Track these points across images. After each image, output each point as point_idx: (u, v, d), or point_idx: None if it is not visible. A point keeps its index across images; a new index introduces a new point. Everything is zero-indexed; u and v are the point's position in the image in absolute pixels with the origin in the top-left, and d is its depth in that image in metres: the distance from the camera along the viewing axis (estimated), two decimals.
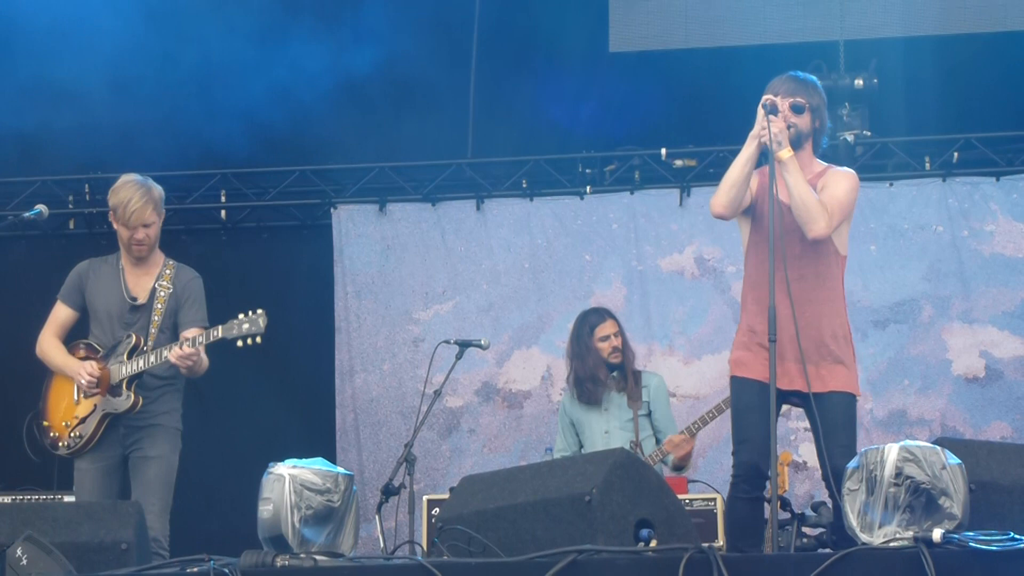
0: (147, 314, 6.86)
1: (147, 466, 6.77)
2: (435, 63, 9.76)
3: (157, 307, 6.86)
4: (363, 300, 9.86)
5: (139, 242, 6.84)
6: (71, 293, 7.00)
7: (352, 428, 9.70)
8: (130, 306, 6.88)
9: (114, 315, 6.87)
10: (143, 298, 6.89)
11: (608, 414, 8.01)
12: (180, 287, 6.92)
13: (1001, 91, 9.42)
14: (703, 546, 4.53)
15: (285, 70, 9.60)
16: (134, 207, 6.78)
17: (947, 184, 9.52)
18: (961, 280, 9.41)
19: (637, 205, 9.75)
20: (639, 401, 8.01)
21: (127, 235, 6.84)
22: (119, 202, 6.82)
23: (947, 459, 4.65)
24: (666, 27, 9.62)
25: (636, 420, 7.95)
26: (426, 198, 9.90)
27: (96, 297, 6.93)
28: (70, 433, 6.82)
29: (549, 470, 5.27)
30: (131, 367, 6.75)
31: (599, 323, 8.12)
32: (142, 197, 6.81)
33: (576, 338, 8.16)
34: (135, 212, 6.79)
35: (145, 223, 6.83)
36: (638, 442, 7.91)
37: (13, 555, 4.78)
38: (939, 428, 9.21)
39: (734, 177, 6.02)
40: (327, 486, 4.90)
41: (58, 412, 6.94)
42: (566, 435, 8.13)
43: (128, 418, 6.80)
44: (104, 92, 9.68)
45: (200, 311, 6.91)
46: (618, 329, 8.14)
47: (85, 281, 6.97)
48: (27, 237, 10.16)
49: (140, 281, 6.93)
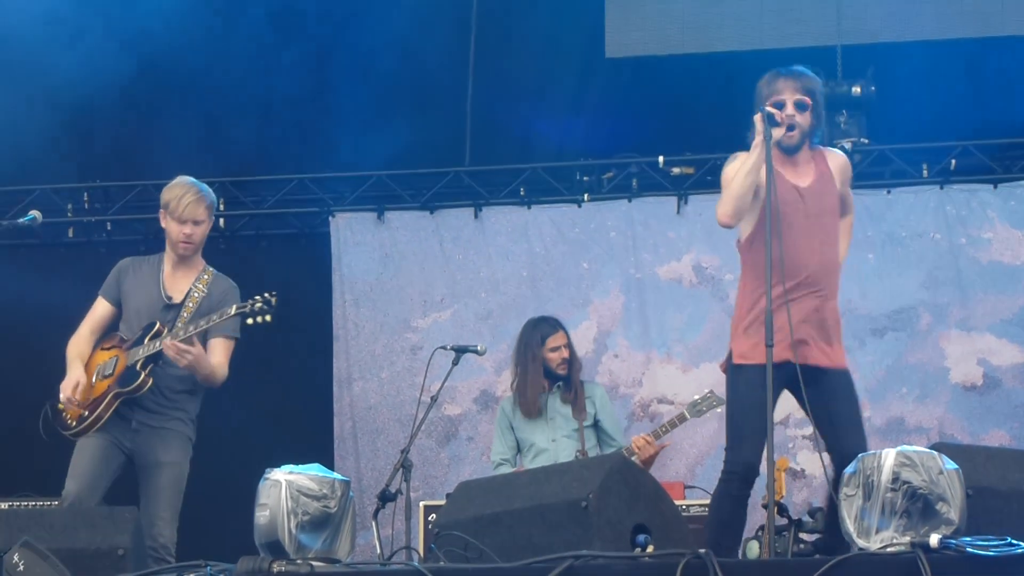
0: (177, 312, 6.89)
1: (159, 473, 6.75)
2: (432, 71, 9.78)
3: (188, 305, 6.89)
4: (361, 308, 9.86)
5: (187, 238, 6.89)
6: (110, 287, 7.04)
7: (350, 435, 9.69)
8: (164, 305, 6.92)
9: (144, 313, 6.91)
10: (178, 298, 6.93)
11: (553, 423, 8.04)
12: (217, 293, 6.96)
13: (998, 98, 9.42)
14: (700, 551, 4.52)
15: (282, 78, 9.61)
16: (188, 200, 6.86)
17: (945, 191, 9.52)
18: (959, 288, 9.41)
19: (635, 213, 9.76)
20: (584, 412, 8.03)
21: (177, 230, 6.89)
22: (173, 197, 6.89)
23: (944, 464, 4.64)
24: (662, 33, 9.64)
25: (582, 431, 7.97)
26: (424, 206, 9.91)
27: (132, 293, 6.97)
28: (81, 413, 6.82)
29: (545, 476, 5.27)
30: (148, 348, 6.78)
31: (551, 333, 8.13)
32: (196, 194, 6.89)
33: (524, 347, 8.16)
34: (189, 206, 6.86)
35: (196, 219, 6.89)
36: (584, 451, 7.94)
37: (10, 561, 4.77)
38: (937, 436, 9.19)
39: (739, 188, 5.97)
40: (324, 492, 4.90)
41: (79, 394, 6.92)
42: (505, 438, 8.11)
43: (144, 413, 6.79)
44: (102, 101, 9.69)
45: (231, 321, 6.88)
46: (567, 340, 8.16)
47: (124, 277, 7.01)
48: (26, 246, 10.17)
49: (178, 283, 6.97)
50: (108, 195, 10.17)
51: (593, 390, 8.20)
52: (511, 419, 8.11)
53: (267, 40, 9.60)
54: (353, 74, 9.52)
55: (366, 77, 9.52)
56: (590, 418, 8.05)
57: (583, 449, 7.94)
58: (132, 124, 9.73)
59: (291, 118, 9.70)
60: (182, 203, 6.85)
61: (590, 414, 8.05)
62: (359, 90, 9.54)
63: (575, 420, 8.01)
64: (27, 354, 9.95)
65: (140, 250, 10.14)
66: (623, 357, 9.61)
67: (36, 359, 9.90)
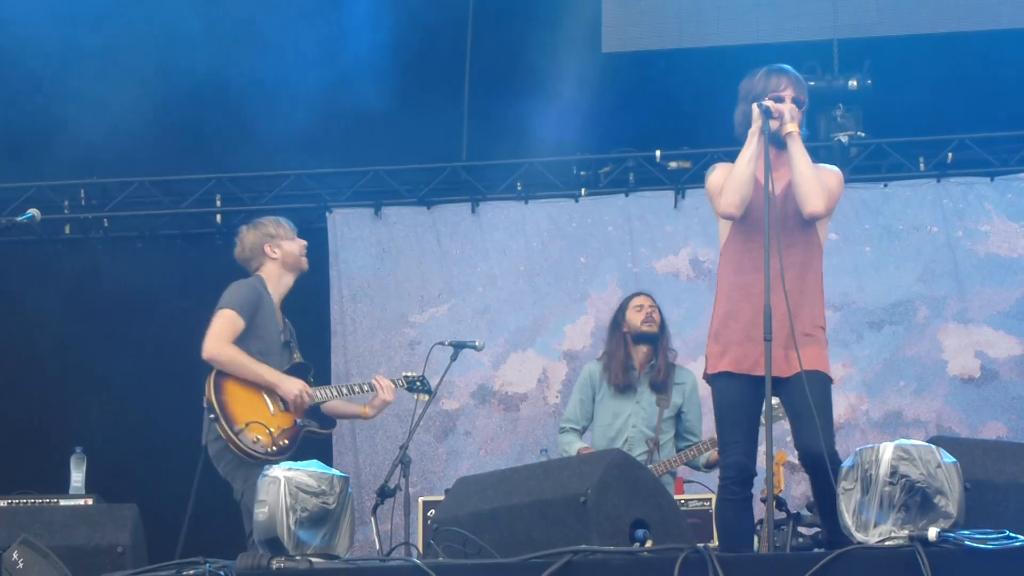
0: (289, 352, 7.17)
1: None
2: (429, 66, 9.77)
3: (293, 344, 7.20)
4: (359, 303, 9.86)
5: (304, 249, 7.29)
6: (248, 309, 7.04)
7: (348, 431, 9.69)
8: (281, 339, 7.15)
9: (276, 342, 7.11)
10: (285, 334, 7.18)
11: (638, 408, 7.89)
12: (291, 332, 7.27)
13: (995, 91, 9.42)
14: (698, 546, 4.53)
15: (278, 74, 9.60)
16: (286, 222, 7.30)
17: (942, 185, 9.52)
18: (956, 280, 9.42)
19: (632, 207, 9.76)
20: (668, 399, 7.89)
21: (298, 247, 7.25)
22: (273, 222, 7.29)
23: (942, 458, 4.64)
24: (659, 27, 9.63)
25: (660, 421, 7.87)
26: (421, 201, 9.91)
27: (267, 322, 7.08)
28: (276, 441, 6.88)
29: (544, 471, 5.28)
30: (326, 393, 7.14)
31: (635, 296, 8.12)
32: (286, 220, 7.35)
33: (612, 321, 8.12)
34: (288, 223, 7.30)
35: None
36: (657, 442, 7.85)
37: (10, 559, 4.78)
38: (935, 429, 9.20)
39: (741, 176, 5.99)
40: (322, 488, 4.90)
41: (255, 417, 6.92)
42: (583, 405, 7.99)
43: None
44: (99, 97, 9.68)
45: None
46: (654, 303, 8.06)
47: (260, 302, 7.08)
48: (23, 242, 10.16)
49: (279, 316, 7.21)
50: (105, 191, 10.17)
51: (686, 377, 8.00)
52: (596, 388, 7.98)
53: (265, 36, 9.59)
54: (350, 69, 9.51)
55: (364, 72, 9.51)
56: (673, 408, 7.89)
57: (656, 439, 7.80)
58: (129, 121, 9.71)
59: (288, 113, 9.69)
60: (283, 224, 7.27)
61: (675, 404, 7.90)
62: (356, 85, 9.53)
63: (657, 408, 7.85)
64: (25, 350, 9.96)
65: (137, 247, 10.19)
66: None
67: (36, 356, 9.94)
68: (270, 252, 7.18)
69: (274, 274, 7.18)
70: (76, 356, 9.89)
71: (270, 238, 7.20)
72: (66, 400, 9.70)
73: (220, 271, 9.67)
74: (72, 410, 9.68)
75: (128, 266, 9.98)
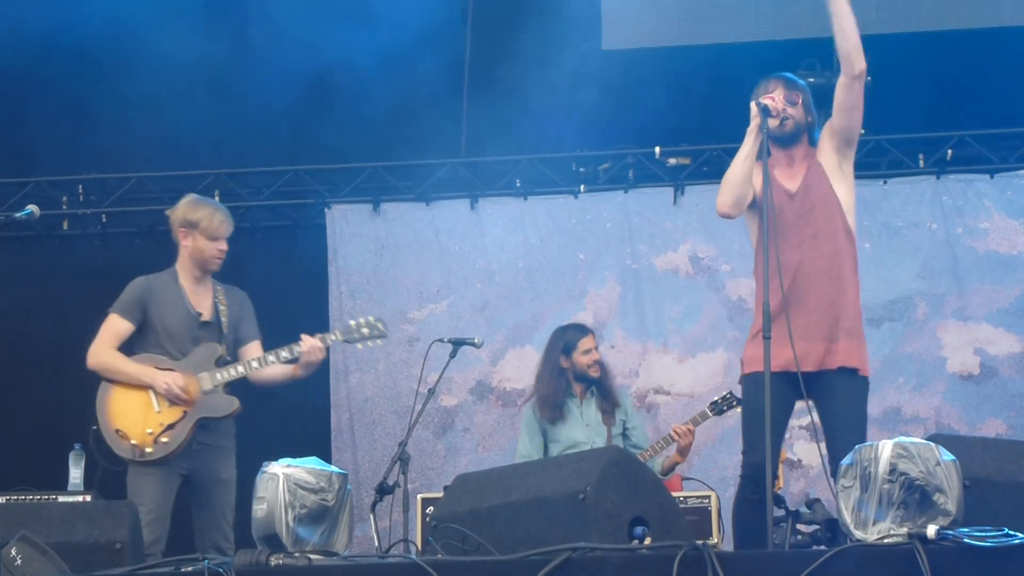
0: (217, 330, 6.99)
1: (224, 490, 6.92)
2: (428, 62, 9.76)
3: (223, 321, 7.01)
4: (357, 300, 9.85)
5: (221, 254, 7.00)
6: (132, 309, 6.98)
7: (347, 428, 9.69)
8: (197, 322, 6.97)
9: (181, 330, 6.94)
10: (207, 315, 7.00)
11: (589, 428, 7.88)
12: (236, 305, 7.08)
13: (995, 88, 9.42)
14: (697, 543, 4.52)
15: (277, 70, 9.60)
16: (220, 219, 6.98)
17: (941, 181, 9.53)
18: (955, 277, 9.42)
19: (631, 204, 9.76)
20: (613, 418, 7.93)
21: (212, 248, 6.98)
22: (203, 216, 6.96)
23: (941, 455, 4.63)
24: (659, 24, 9.62)
25: (609, 439, 7.87)
26: (420, 198, 9.91)
27: (163, 313, 6.97)
28: (156, 439, 6.81)
29: (543, 468, 5.27)
30: (228, 373, 6.91)
31: (580, 337, 7.99)
32: (223, 212, 7.04)
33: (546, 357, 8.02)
34: (222, 224, 6.98)
35: (227, 236, 7.02)
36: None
37: (8, 555, 4.77)
38: (934, 426, 9.22)
39: (736, 174, 6.02)
40: (321, 485, 4.89)
41: (133, 420, 6.87)
42: (533, 439, 7.95)
43: (204, 433, 6.89)
44: (96, 93, 9.67)
45: (255, 326, 7.14)
46: (595, 344, 8.04)
47: (149, 297, 6.98)
48: (21, 238, 10.15)
49: (200, 299, 7.03)
50: (103, 187, 10.15)
51: (623, 399, 8.08)
52: (539, 423, 7.95)
53: (263, 33, 9.58)
54: (349, 66, 9.50)
55: (362, 68, 9.50)
56: (619, 426, 7.93)
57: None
58: (128, 117, 9.71)
59: (286, 109, 9.68)
60: (215, 221, 6.95)
61: (620, 421, 7.94)
62: (354, 81, 9.52)
63: (604, 427, 7.88)
64: (23, 346, 9.95)
65: (135, 243, 10.19)
66: (619, 348, 9.62)
67: (33, 352, 9.94)
68: (182, 238, 7.01)
69: (184, 261, 7.03)
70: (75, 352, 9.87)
71: (189, 225, 6.98)
72: (64, 397, 9.68)
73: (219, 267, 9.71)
74: (70, 407, 9.65)
75: (126, 262, 9.96)
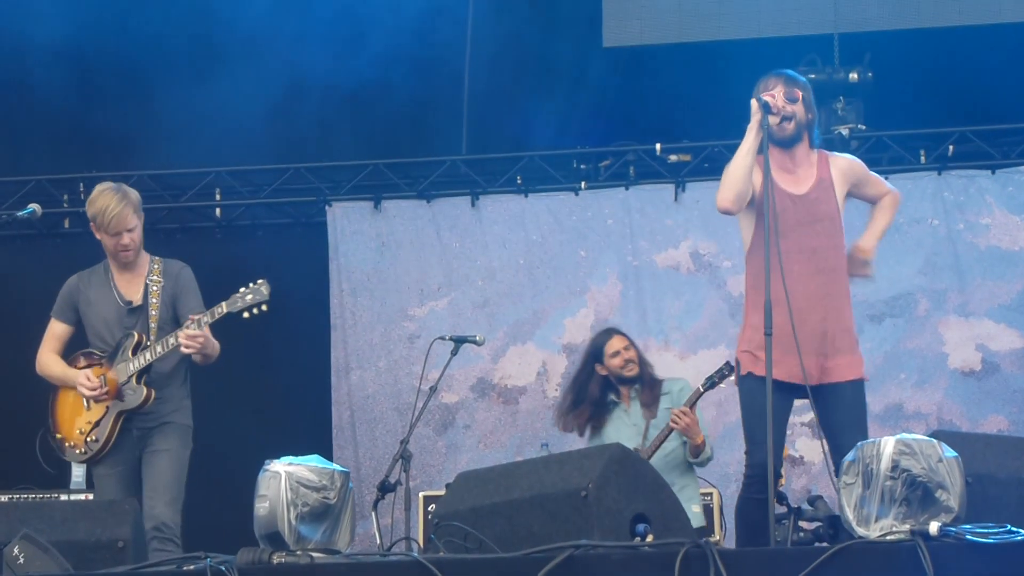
0: (144, 313, 6.85)
1: (156, 459, 6.77)
2: (429, 59, 9.76)
3: (152, 303, 6.85)
4: (358, 297, 9.85)
5: (124, 247, 6.82)
6: (64, 309, 7.00)
7: (348, 425, 9.69)
8: (126, 310, 6.87)
9: (111, 321, 6.87)
10: (137, 300, 6.88)
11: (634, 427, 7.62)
12: (172, 280, 6.91)
13: (996, 84, 9.41)
14: (699, 541, 4.52)
15: (279, 67, 9.59)
16: (113, 213, 6.74)
17: (942, 177, 9.52)
18: (957, 273, 9.41)
19: (632, 200, 9.75)
20: (654, 409, 7.61)
21: (112, 242, 6.82)
22: (98, 211, 6.78)
23: (943, 452, 4.63)
24: (660, 21, 9.62)
25: (646, 429, 7.64)
26: (421, 195, 9.90)
27: (90, 307, 6.92)
28: (86, 439, 6.81)
29: (545, 466, 5.26)
30: (138, 362, 6.77)
31: (607, 340, 7.72)
32: (119, 202, 6.76)
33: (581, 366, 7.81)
34: (115, 218, 6.75)
35: (128, 228, 6.80)
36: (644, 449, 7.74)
37: (10, 554, 4.77)
38: (936, 422, 9.21)
39: (737, 171, 6.01)
40: (323, 483, 4.89)
41: (70, 421, 6.91)
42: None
43: (141, 419, 6.80)
44: (98, 91, 9.67)
45: (196, 299, 6.90)
46: (628, 343, 7.73)
47: (77, 295, 6.96)
48: (22, 236, 10.16)
49: (131, 284, 6.91)
50: None
51: (672, 385, 7.70)
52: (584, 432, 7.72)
53: (263, 31, 9.57)
54: (348, 63, 9.50)
55: (362, 65, 9.50)
56: (662, 416, 7.58)
57: (643, 447, 7.43)
58: (128, 114, 9.70)
59: (287, 107, 9.68)
60: (107, 217, 6.75)
61: (664, 410, 7.56)
62: (355, 78, 9.52)
63: (644, 419, 7.60)
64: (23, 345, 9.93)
65: None
66: None
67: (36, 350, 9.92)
68: (94, 231, 6.90)
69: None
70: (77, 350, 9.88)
71: (91, 220, 6.86)
72: None
73: (219, 264, 9.72)
74: None
75: None
